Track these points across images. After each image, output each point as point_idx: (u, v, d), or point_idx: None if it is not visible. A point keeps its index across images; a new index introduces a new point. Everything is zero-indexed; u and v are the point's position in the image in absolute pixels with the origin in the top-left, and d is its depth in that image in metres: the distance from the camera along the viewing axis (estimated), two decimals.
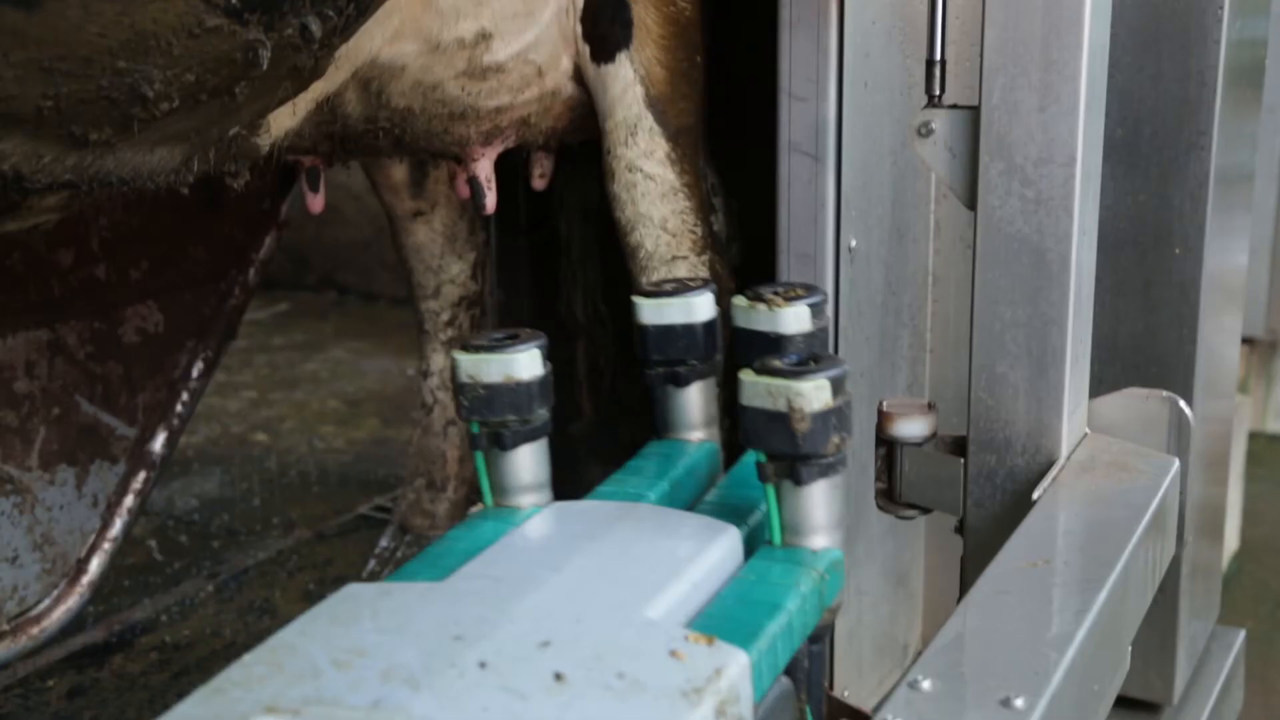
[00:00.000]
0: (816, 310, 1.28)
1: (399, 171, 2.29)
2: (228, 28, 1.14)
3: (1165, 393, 1.48)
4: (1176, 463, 1.40)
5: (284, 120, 1.49)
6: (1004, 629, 1.07)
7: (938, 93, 1.42)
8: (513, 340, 1.16)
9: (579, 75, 1.81)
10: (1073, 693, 1.02)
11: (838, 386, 1.05)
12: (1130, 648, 1.24)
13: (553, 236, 2.34)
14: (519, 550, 1.08)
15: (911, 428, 1.44)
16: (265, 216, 2.27)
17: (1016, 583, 1.15)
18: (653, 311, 1.30)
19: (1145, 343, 1.61)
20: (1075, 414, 1.41)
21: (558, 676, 0.83)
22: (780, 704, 1.03)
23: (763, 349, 1.25)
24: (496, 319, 2.46)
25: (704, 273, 1.81)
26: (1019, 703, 0.94)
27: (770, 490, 1.09)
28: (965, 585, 1.37)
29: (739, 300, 1.30)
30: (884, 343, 1.70)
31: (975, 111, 1.36)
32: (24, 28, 1.04)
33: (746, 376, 1.06)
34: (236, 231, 2.25)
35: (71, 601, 2.07)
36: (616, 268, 1.92)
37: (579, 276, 2.34)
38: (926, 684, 0.97)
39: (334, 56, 1.38)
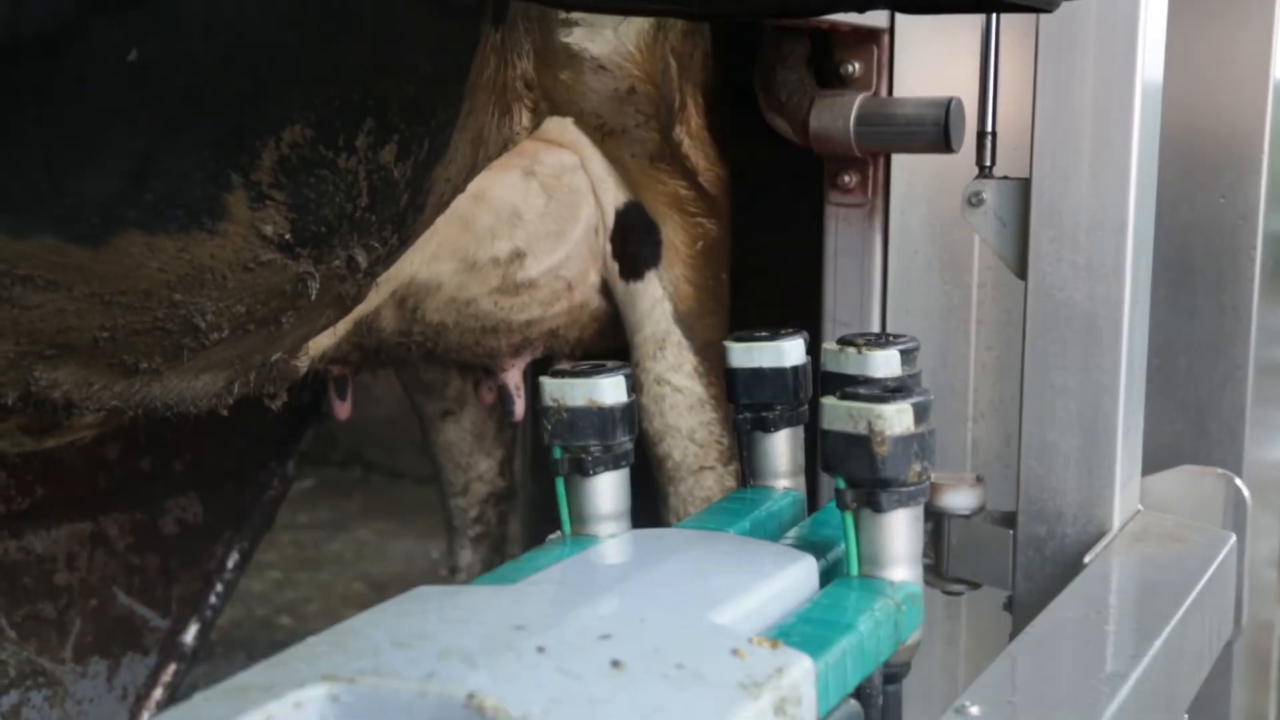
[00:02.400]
0: (908, 356, 1.26)
1: (426, 373, 2.36)
2: (280, 261, 1.21)
3: (1220, 470, 1.47)
4: (1233, 537, 1.38)
5: (323, 341, 1.56)
6: (1056, 665, 1.06)
7: (988, 163, 1.46)
8: (599, 367, 1.17)
9: (605, 289, 1.89)
10: None
11: (921, 414, 1.03)
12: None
13: None
14: (591, 563, 1.09)
15: (960, 499, 1.44)
16: (307, 409, 2.34)
17: (1068, 629, 1.13)
18: (742, 355, 1.28)
19: None
20: (1128, 485, 1.40)
21: (615, 664, 0.83)
22: None
23: None
24: (529, 512, 2.50)
25: (731, 483, 1.86)
26: None
27: (848, 518, 1.06)
28: None
29: (829, 345, 1.29)
30: None
31: (1025, 183, 1.39)
32: (89, 264, 1.10)
33: (829, 401, 1.05)
34: (278, 424, 2.31)
35: None
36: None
37: None
38: (975, 709, 0.96)
39: (375, 283, 1.46)
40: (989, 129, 1.47)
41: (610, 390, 1.14)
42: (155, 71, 0.99)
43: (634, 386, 1.18)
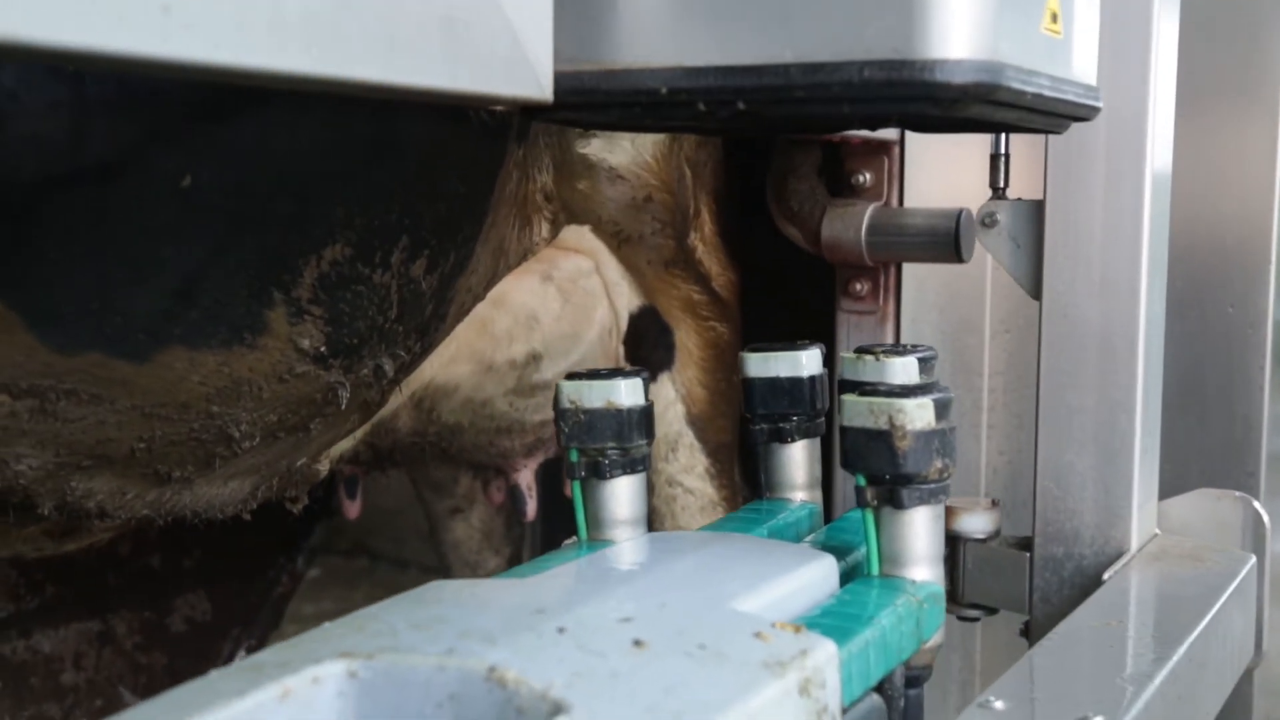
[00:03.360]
0: (925, 365, 1.24)
1: (437, 471, 2.38)
2: (314, 372, 1.24)
3: (1238, 493, 1.47)
4: (1253, 558, 1.38)
5: (343, 444, 1.58)
6: (1078, 666, 1.05)
7: (1002, 185, 1.48)
8: (616, 370, 1.17)
9: None
10: None
11: (942, 410, 1.03)
12: None
13: None
14: (609, 559, 1.08)
15: (975, 523, 1.44)
16: (317, 506, 2.34)
17: (1089, 636, 1.12)
18: (758, 364, 1.28)
19: None
20: (1146, 505, 1.39)
21: (637, 643, 0.82)
22: (872, 718, 0.98)
23: None
24: None
25: None
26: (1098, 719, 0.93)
27: (869, 516, 1.05)
28: None
29: (847, 354, 1.28)
30: None
31: (1039, 204, 1.40)
32: (133, 378, 1.13)
33: (849, 398, 1.05)
34: (289, 520, 2.31)
35: None
36: None
37: None
38: (999, 704, 0.95)
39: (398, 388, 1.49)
40: (1002, 150, 1.49)
41: (628, 392, 1.14)
42: (207, 196, 1.02)
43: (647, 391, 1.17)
